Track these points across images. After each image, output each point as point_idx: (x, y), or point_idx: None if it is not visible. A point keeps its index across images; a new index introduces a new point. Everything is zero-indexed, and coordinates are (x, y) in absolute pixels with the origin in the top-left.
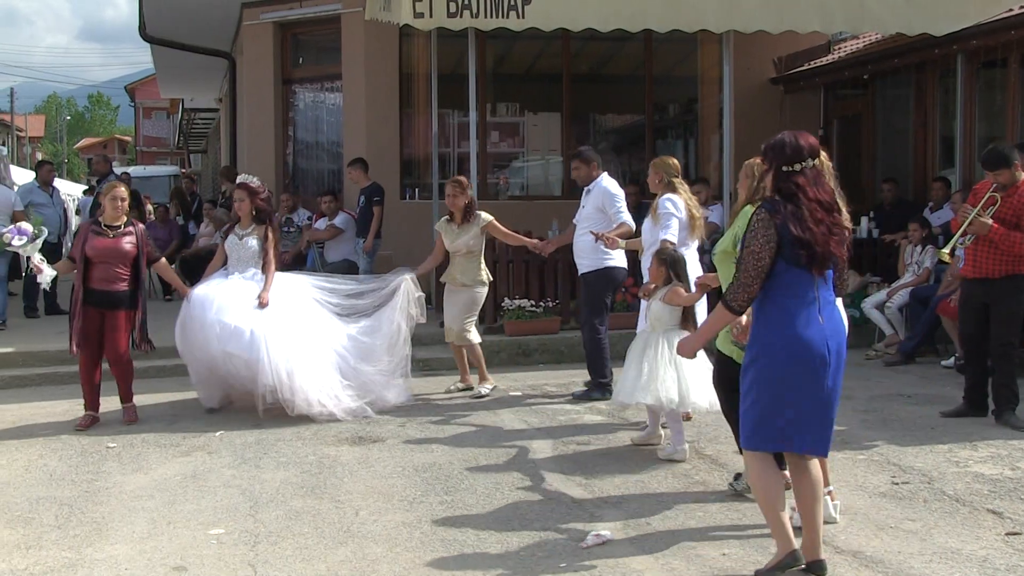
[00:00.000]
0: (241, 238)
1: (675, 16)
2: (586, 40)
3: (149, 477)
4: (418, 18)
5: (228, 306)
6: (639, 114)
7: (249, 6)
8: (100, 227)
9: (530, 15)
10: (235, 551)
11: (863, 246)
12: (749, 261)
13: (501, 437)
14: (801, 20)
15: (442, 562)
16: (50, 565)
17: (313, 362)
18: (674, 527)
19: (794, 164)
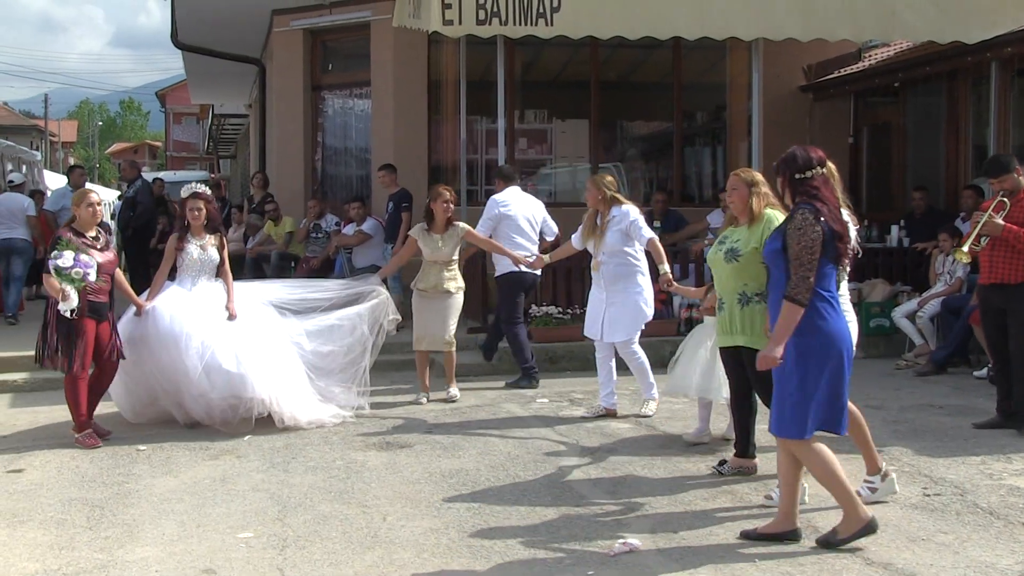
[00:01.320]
0: (203, 248)
1: (704, 24)
2: (614, 47)
3: (179, 480)
4: (447, 25)
5: (201, 319)
6: (667, 121)
7: (280, 13)
8: (85, 237)
9: (558, 23)
10: (263, 555)
11: (893, 255)
12: (805, 256)
13: (528, 444)
14: (830, 28)
15: (470, 569)
16: (82, 566)
17: (292, 374)
18: (703, 536)
19: (806, 172)
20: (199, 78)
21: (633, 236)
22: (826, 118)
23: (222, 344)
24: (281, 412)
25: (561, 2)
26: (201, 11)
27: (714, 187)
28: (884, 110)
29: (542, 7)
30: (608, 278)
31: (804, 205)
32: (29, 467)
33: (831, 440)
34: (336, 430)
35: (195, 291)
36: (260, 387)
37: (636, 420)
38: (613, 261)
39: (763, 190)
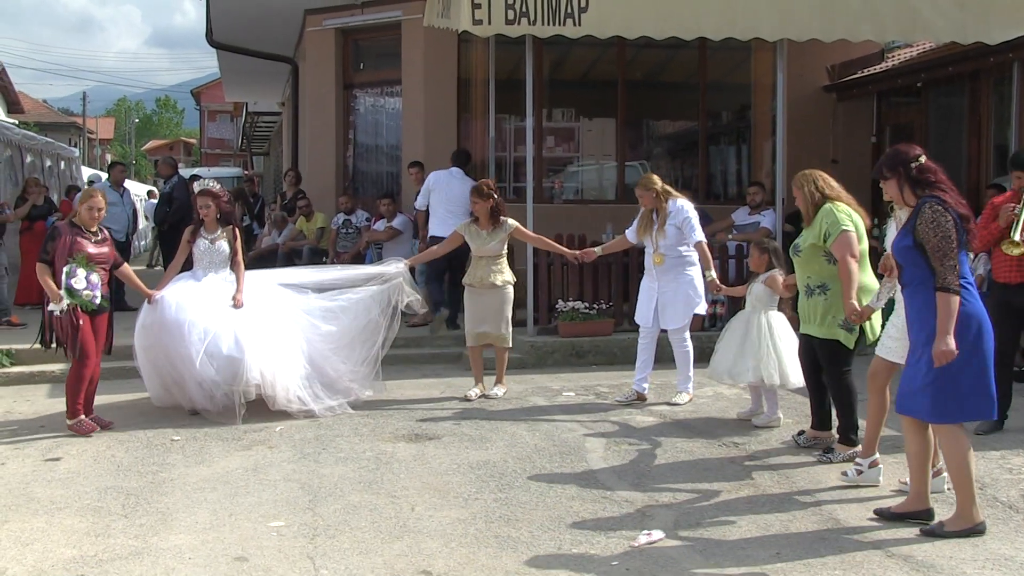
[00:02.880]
0: (212, 242)
1: (729, 24)
2: (641, 47)
3: (212, 470)
4: (477, 25)
5: (206, 308)
6: (692, 120)
7: (312, 13)
8: (82, 230)
9: (586, 23)
10: (294, 543)
11: None
12: (945, 247)
13: (554, 436)
14: (854, 29)
15: (496, 558)
16: (118, 552)
17: (290, 359)
18: (725, 528)
19: (919, 159)
20: (233, 76)
21: (685, 231)
22: (849, 118)
23: (224, 331)
24: (274, 395)
25: (589, 2)
26: (236, 11)
27: (739, 185)
28: (907, 110)
29: (570, 7)
30: (661, 268)
31: (929, 198)
32: (66, 456)
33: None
34: (366, 422)
35: (204, 281)
36: (255, 370)
37: (661, 414)
38: (671, 254)
39: (823, 188)
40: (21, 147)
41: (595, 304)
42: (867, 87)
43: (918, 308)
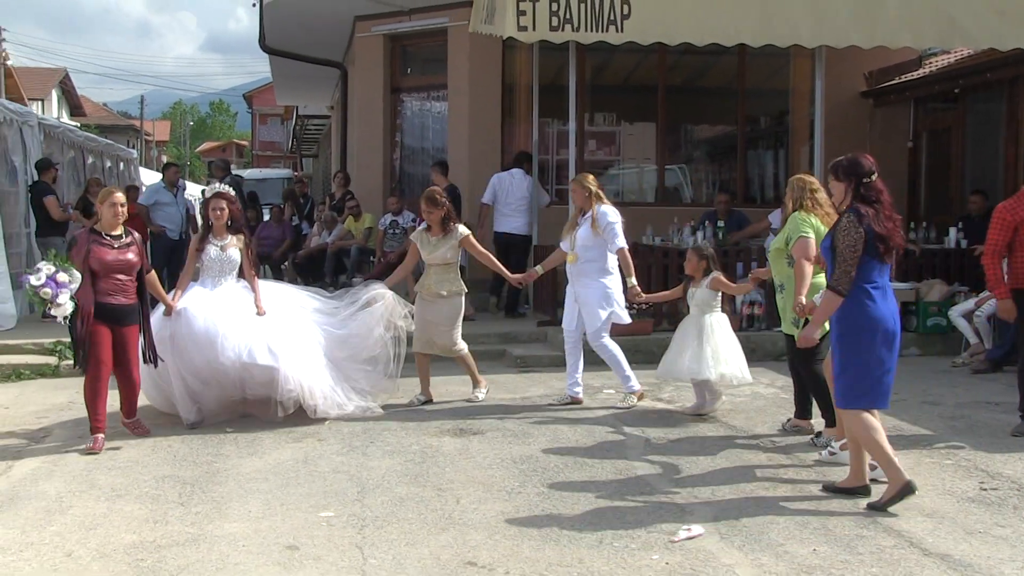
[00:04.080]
0: (223, 249)
1: (769, 31)
2: (681, 53)
3: (263, 461)
4: (521, 31)
5: (232, 318)
6: (731, 125)
7: (362, 19)
8: (102, 237)
9: (629, 29)
10: (344, 533)
11: (951, 256)
12: (847, 254)
13: (596, 433)
14: (892, 36)
15: (539, 551)
16: (175, 539)
17: (320, 364)
18: (764, 524)
19: (871, 175)
20: (285, 81)
21: (607, 238)
22: (886, 123)
23: (257, 340)
24: (314, 403)
25: (631, 9)
26: (288, 18)
27: (776, 189)
28: (944, 115)
29: (613, 14)
30: (576, 272)
31: (851, 210)
32: (126, 445)
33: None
34: (411, 416)
35: (219, 291)
36: (294, 379)
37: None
38: (585, 256)
39: (805, 198)
40: (83, 148)
41: (635, 305)
42: (904, 93)
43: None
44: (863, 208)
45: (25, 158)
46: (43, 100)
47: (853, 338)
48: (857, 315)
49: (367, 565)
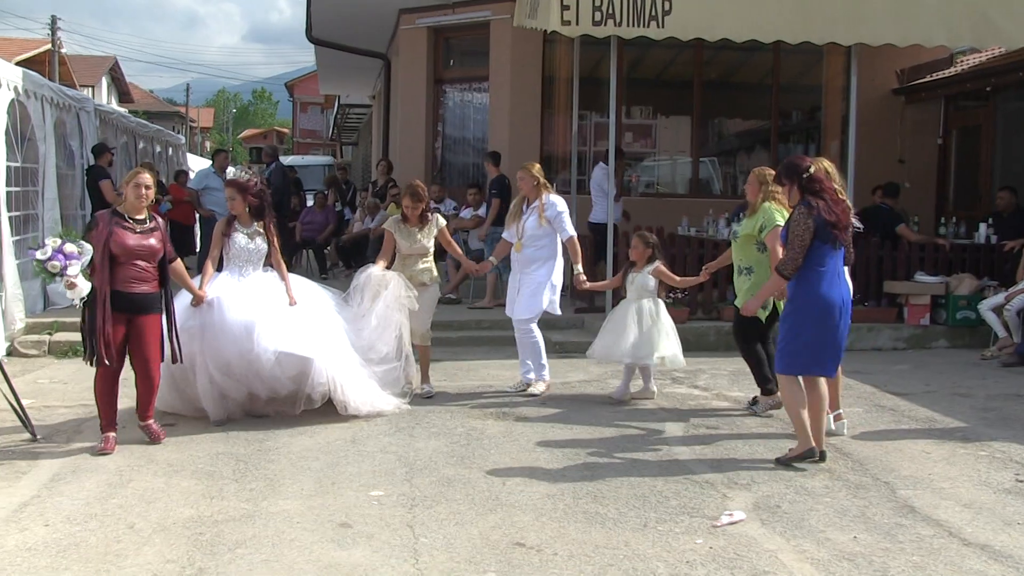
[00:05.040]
0: (251, 237)
1: (806, 28)
2: (717, 49)
3: (313, 440)
4: (565, 25)
5: (266, 306)
6: (764, 120)
7: (406, 12)
8: (124, 219)
9: (669, 25)
10: (394, 512)
11: (980, 251)
12: (796, 242)
13: (635, 418)
14: (927, 34)
15: (586, 533)
16: (231, 515)
17: (351, 358)
18: (803, 511)
19: (808, 170)
20: (329, 71)
21: (555, 227)
22: (916, 120)
23: (290, 330)
24: (345, 399)
25: (672, 5)
26: (334, 10)
27: None
28: (974, 113)
29: (654, 10)
30: (523, 261)
31: (802, 203)
32: (180, 421)
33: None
34: (454, 399)
35: (247, 280)
36: (325, 372)
37: (736, 400)
38: (533, 245)
39: (771, 188)
40: (135, 134)
41: (671, 294)
42: (936, 91)
43: (791, 284)
44: (813, 200)
45: (82, 143)
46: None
47: (800, 315)
48: (806, 294)
49: (419, 544)
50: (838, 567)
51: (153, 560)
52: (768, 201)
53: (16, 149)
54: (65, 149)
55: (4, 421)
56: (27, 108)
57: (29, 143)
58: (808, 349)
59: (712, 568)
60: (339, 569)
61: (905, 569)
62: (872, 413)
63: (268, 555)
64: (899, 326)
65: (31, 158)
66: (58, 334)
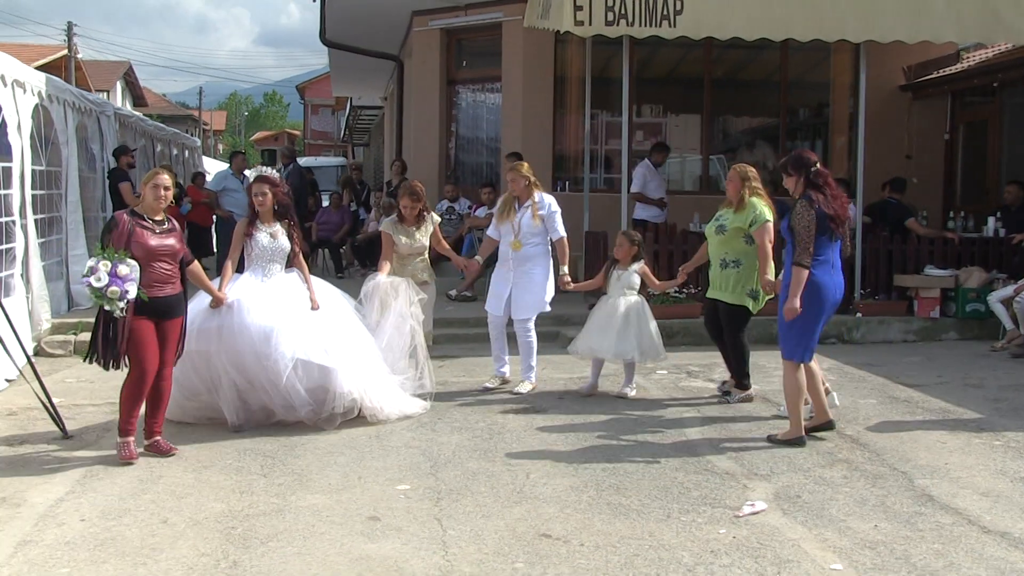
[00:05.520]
0: (273, 237)
1: (816, 26)
2: (725, 48)
3: (338, 436)
4: (578, 26)
5: (287, 310)
6: (772, 117)
7: (419, 14)
8: (143, 220)
9: (681, 24)
10: (421, 505)
11: (989, 244)
12: (804, 234)
13: (653, 411)
14: (936, 30)
15: (610, 524)
16: (262, 509)
17: (376, 363)
18: (823, 500)
19: (815, 165)
20: (341, 73)
21: (549, 226)
22: (923, 115)
23: (311, 337)
24: (373, 406)
25: (684, 5)
26: (348, 13)
27: None
28: (981, 108)
29: (666, 9)
30: (519, 259)
31: (804, 196)
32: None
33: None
34: (475, 394)
35: (270, 282)
36: (350, 382)
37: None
38: (529, 243)
39: (753, 184)
40: (153, 137)
41: (684, 288)
42: (942, 87)
43: (788, 275)
44: (814, 194)
45: (102, 146)
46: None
47: (807, 303)
48: (810, 284)
49: (447, 536)
50: (861, 555)
51: (188, 554)
52: (753, 196)
53: (40, 153)
54: (86, 152)
55: (36, 419)
56: (50, 113)
57: (52, 147)
58: (812, 335)
59: (736, 557)
60: (370, 561)
61: (927, 556)
62: (886, 404)
63: (300, 548)
64: (909, 319)
65: (54, 161)
66: (83, 334)
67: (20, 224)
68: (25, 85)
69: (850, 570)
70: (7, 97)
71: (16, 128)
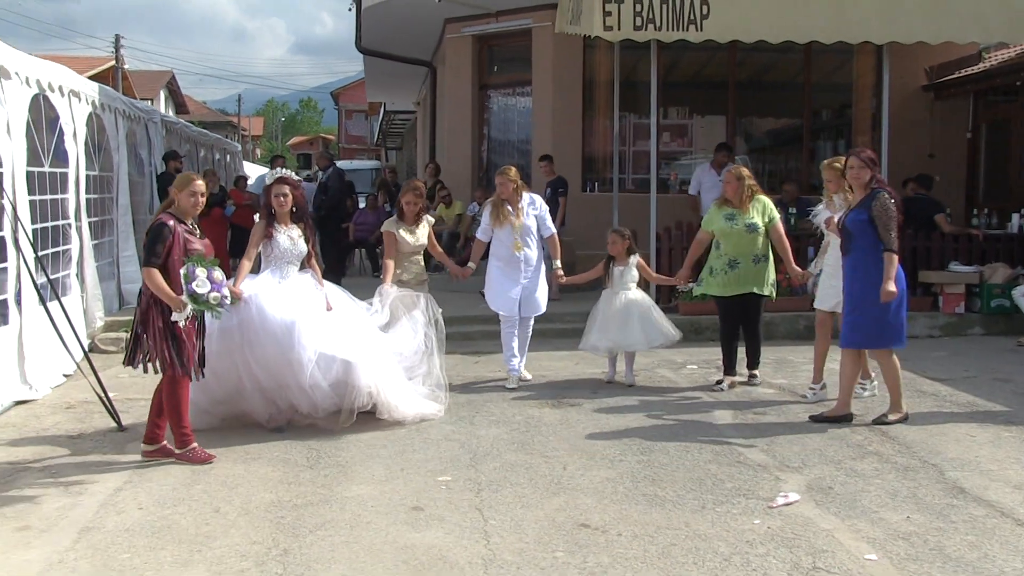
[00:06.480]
0: (293, 240)
1: (840, 28)
2: (749, 51)
3: (380, 429)
4: (607, 30)
5: (306, 308)
6: (796, 118)
7: (451, 21)
8: (184, 223)
9: (708, 28)
10: (462, 496)
11: (1014, 240)
12: (892, 223)
13: (684, 405)
14: (960, 31)
15: (647, 514)
16: (309, 499)
17: (391, 362)
18: (855, 492)
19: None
20: (376, 78)
21: (541, 224)
22: (946, 115)
23: (331, 333)
24: (388, 403)
25: (710, 10)
26: (382, 21)
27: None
28: (1004, 107)
29: (693, 14)
30: (524, 260)
31: (880, 190)
32: None
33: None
34: (510, 389)
35: (288, 282)
36: (367, 376)
37: (780, 387)
38: (529, 245)
39: (749, 183)
40: (196, 142)
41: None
42: (965, 87)
43: (866, 265)
44: (888, 188)
45: (150, 151)
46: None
47: (875, 291)
48: (877, 272)
49: (488, 526)
50: (894, 546)
51: (240, 541)
52: (759, 194)
53: (94, 158)
54: (136, 158)
55: (92, 412)
56: (103, 120)
57: (104, 153)
58: (903, 318)
59: (772, 547)
60: (415, 550)
61: (961, 548)
62: (914, 398)
63: (347, 537)
64: (934, 314)
65: (106, 167)
66: None
67: (76, 227)
68: (80, 94)
69: (884, 560)
70: (64, 106)
71: (72, 135)
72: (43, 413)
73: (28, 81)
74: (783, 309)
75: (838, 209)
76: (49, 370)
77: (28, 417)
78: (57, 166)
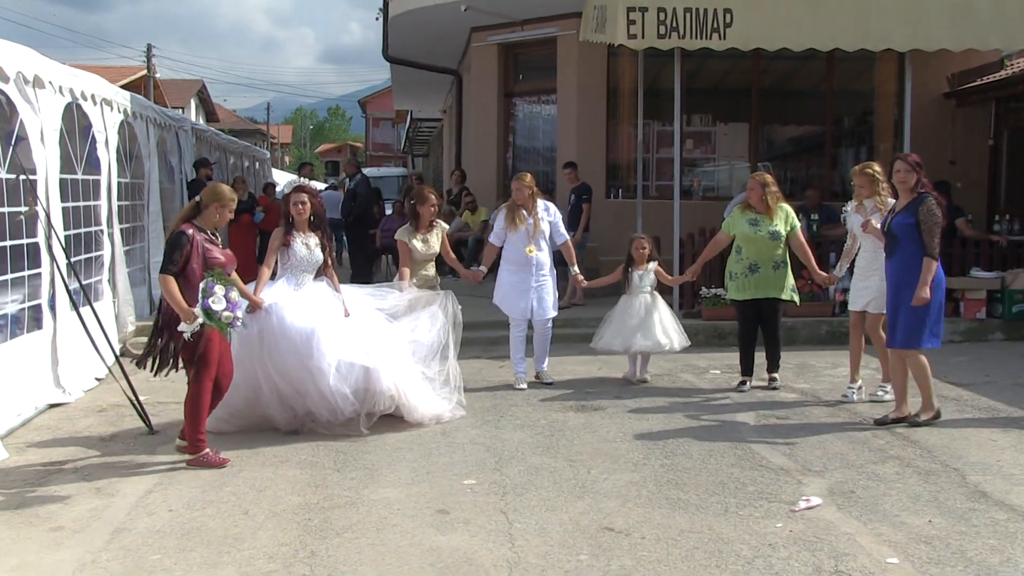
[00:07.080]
0: (310, 248)
1: (863, 36)
2: (772, 59)
3: (405, 432)
4: (631, 39)
5: (324, 316)
6: (818, 125)
7: (477, 30)
8: (206, 233)
9: (731, 36)
10: (487, 499)
11: None
12: (936, 229)
13: (707, 409)
14: (982, 38)
15: (670, 518)
16: (336, 502)
17: (411, 365)
18: (877, 496)
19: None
20: (402, 87)
21: (554, 231)
22: (968, 122)
23: (350, 340)
24: (409, 405)
25: (734, 18)
26: (409, 30)
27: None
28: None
29: (716, 22)
30: (537, 264)
31: (928, 194)
32: None
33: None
34: (535, 393)
35: (305, 290)
36: (388, 380)
37: (802, 391)
38: (541, 247)
39: (772, 189)
40: (226, 150)
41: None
42: (986, 93)
43: (912, 269)
44: (934, 193)
45: (180, 159)
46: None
47: (939, 293)
48: (938, 276)
49: (513, 529)
50: (916, 549)
51: (268, 543)
52: (781, 201)
53: (125, 166)
54: (166, 165)
55: (124, 415)
56: (134, 128)
57: (136, 160)
58: (941, 320)
59: (794, 550)
60: (441, 553)
61: (983, 552)
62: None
63: (374, 539)
64: (955, 320)
65: (138, 174)
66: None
67: (107, 233)
68: (112, 103)
69: (906, 564)
70: (96, 115)
71: (104, 143)
72: (76, 416)
73: (61, 90)
74: (804, 314)
75: (869, 214)
76: (82, 374)
77: (61, 420)
78: (89, 173)
